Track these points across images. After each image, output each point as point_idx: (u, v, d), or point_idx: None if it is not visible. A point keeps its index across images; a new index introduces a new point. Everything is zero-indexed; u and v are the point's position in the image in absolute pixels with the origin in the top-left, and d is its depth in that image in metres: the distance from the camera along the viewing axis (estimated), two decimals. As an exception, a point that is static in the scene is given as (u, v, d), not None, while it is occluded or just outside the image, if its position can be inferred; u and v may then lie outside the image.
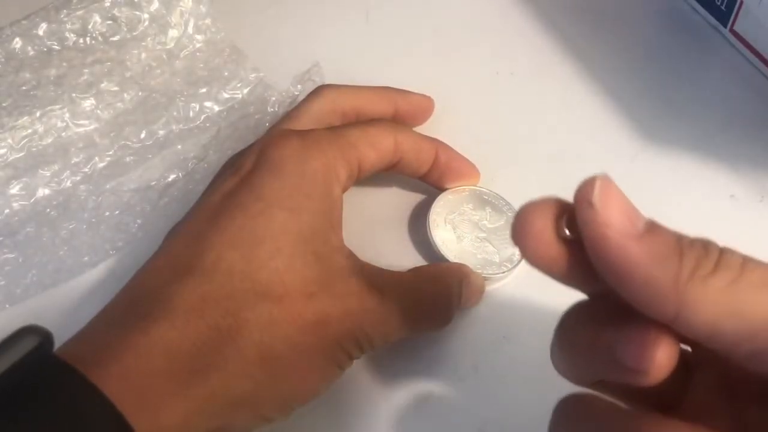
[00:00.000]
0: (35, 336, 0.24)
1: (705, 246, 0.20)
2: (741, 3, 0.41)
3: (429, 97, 0.39)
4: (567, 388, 0.32)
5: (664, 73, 0.43)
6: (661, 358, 0.20)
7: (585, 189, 0.20)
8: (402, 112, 0.37)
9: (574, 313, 0.23)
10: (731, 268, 0.19)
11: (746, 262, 0.20)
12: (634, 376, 0.20)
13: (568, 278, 0.21)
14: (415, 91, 0.38)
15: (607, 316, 0.21)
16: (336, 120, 0.35)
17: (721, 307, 0.19)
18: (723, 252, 0.20)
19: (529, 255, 0.21)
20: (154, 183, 0.37)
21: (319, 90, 0.36)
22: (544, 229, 0.21)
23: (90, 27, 0.41)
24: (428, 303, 0.32)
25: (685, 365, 0.24)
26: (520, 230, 0.21)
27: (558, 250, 0.21)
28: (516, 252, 0.35)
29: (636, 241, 0.20)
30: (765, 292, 0.19)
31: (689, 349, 0.24)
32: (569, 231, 0.21)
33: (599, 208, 0.20)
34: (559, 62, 0.43)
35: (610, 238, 0.20)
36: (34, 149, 0.38)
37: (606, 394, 0.24)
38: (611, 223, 0.20)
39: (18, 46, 0.41)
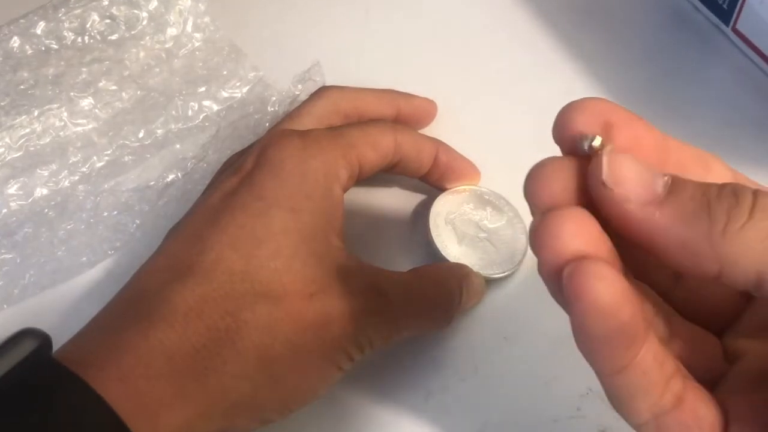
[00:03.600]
0: (33, 339, 0.24)
1: (735, 193, 0.18)
2: (743, 1, 0.41)
3: (432, 101, 0.39)
4: (568, 388, 0.32)
5: (666, 73, 0.43)
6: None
7: (595, 169, 0.19)
8: (404, 115, 0.37)
9: None
10: None
11: None
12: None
13: None
14: (416, 93, 0.38)
15: None
16: (337, 121, 0.35)
17: (764, 256, 0.18)
18: (757, 195, 0.18)
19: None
20: (152, 183, 0.37)
21: (321, 91, 0.36)
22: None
23: (88, 26, 0.41)
24: (428, 303, 0.32)
25: None
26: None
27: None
28: (516, 252, 0.35)
29: (659, 207, 0.19)
30: None
31: None
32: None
33: (613, 186, 0.19)
34: (559, 62, 0.43)
35: (632, 211, 0.19)
36: (32, 148, 0.38)
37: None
38: (629, 198, 0.19)
39: (16, 44, 0.40)
